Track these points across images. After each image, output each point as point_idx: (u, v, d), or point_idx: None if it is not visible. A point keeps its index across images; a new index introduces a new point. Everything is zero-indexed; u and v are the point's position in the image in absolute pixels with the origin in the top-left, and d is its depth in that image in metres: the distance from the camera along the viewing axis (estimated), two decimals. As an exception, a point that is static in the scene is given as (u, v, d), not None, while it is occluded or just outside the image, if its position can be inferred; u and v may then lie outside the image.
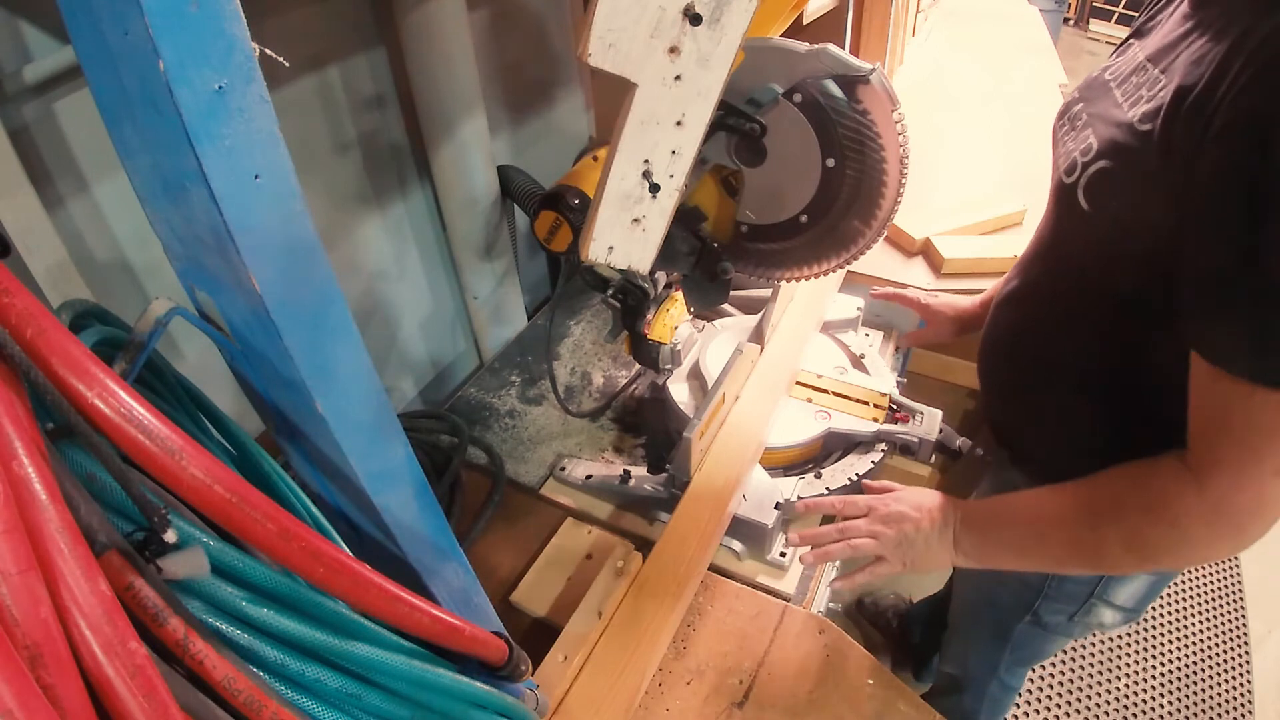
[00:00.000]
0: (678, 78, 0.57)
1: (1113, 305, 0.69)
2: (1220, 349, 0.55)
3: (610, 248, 0.66)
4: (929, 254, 1.49)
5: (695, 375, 1.23)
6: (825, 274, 0.86)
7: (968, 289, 1.26)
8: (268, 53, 0.40)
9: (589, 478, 1.15)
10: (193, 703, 0.38)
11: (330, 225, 1.22)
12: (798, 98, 0.74)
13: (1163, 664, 1.77)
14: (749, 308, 1.40)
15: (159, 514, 0.37)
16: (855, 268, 1.31)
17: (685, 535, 0.96)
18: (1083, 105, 0.74)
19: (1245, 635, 1.84)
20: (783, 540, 1.05)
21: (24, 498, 0.32)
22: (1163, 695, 1.70)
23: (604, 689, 0.82)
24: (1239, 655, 1.80)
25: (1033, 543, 0.71)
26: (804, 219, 0.82)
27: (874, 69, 0.71)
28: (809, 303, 1.32)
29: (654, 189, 0.63)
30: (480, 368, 1.58)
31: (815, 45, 0.72)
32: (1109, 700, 1.69)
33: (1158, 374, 0.67)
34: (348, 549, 0.54)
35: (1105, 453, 0.68)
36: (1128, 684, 1.72)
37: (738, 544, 1.04)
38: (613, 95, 0.59)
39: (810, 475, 1.10)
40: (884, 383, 1.21)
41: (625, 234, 0.65)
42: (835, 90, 0.72)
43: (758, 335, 1.21)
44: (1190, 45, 0.60)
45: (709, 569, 1.00)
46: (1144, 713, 1.67)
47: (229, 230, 0.39)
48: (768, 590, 1.00)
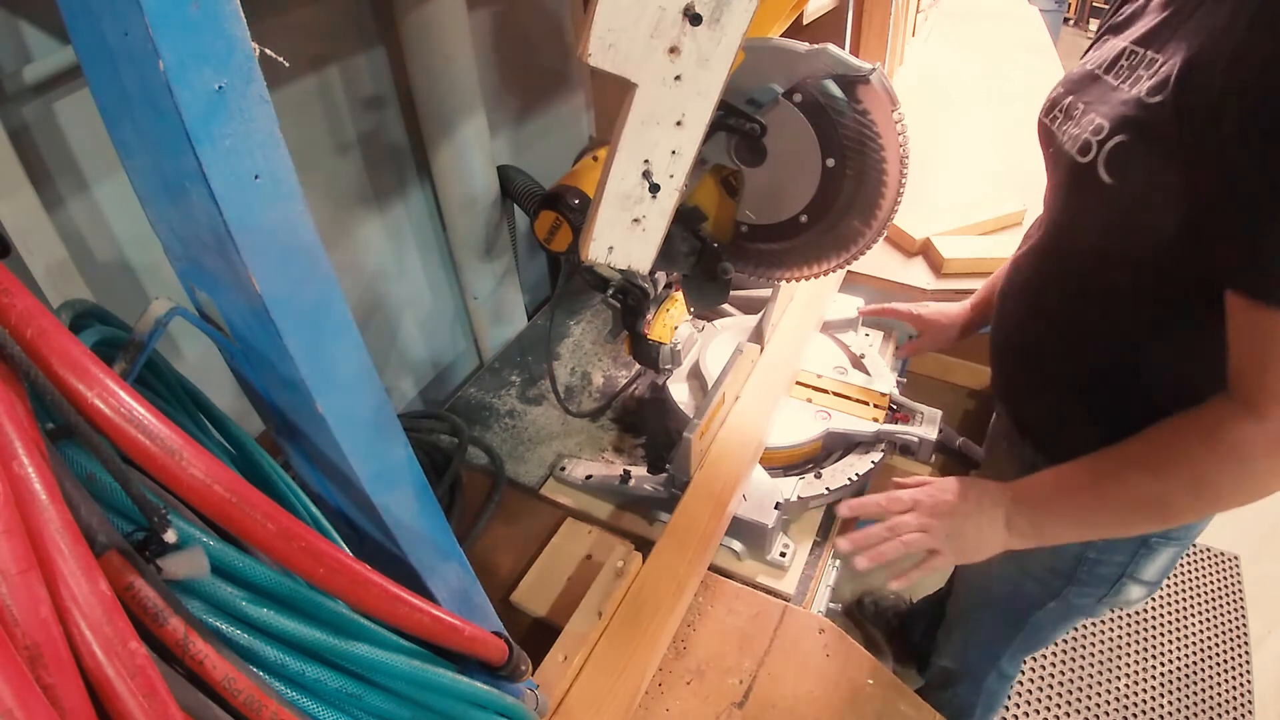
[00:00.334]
0: (678, 78, 0.57)
1: (1133, 280, 0.71)
2: (1260, 283, 0.58)
3: (610, 248, 0.66)
4: (929, 254, 1.49)
5: (695, 375, 1.23)
6: (825, 274, 0.86)
7: (968, 289, 1.26)
8: (268, 53, 0.40)
9: (589, 478, 1.15)
10: (193, 703, 0.38)
11: (330, 225, 1.22)
12: (798, 98, 0.74)
13: (1163, 664, 1.77)
14: (749, 308, 1.40)
15: (159, 514, 0.37)
16: (855, 268, 1.31)
17: (685, 535, 0.96)
18: (1073, 97, 0.77)
19: (1245, 635, 1.84)
20: (783, 540, 1.05)
21: (24, 498, 0.32)
22: (1163, 695, 1.70)
23: (604, 689, 0.82)
24: (1239, 655, 1.80)
25: (1095, 507, 0.71)
26: (804, 219, 0.82)
27: (874, 69, 0.71)
28: (809, 303, 1.32)
29: (654, 189, 0.63)
30: (480, 368, 1.58)
31: (815, 45, 0.72)
32: (1109, 700, 1.69)
33: (1179, 345, 0.71)
34: (348, 549, 0.54)
35: (1133, 428, 0.70)
36: (1128, 684, 1.72)
37: (738, 544, 1.04)
38: (613, 95, 0.59)
39: (810, 475, 1.10)
40: (884, 383, 1.21)
41: (625, 234, 0.65)
42: (835, 90, 0.73)
43: (758, 335, 1.21)
44: (1182, 24, 0.65)
45: (709, 569, 1.00)
46: (1144, 713, 1.67)
47: (229, 230, 0.39)
48: (768, 590, 1.00)
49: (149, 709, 0.33)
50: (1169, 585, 1.95)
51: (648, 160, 0.61)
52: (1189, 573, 1.99)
